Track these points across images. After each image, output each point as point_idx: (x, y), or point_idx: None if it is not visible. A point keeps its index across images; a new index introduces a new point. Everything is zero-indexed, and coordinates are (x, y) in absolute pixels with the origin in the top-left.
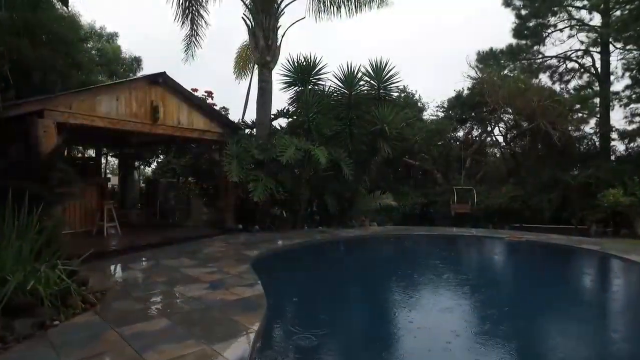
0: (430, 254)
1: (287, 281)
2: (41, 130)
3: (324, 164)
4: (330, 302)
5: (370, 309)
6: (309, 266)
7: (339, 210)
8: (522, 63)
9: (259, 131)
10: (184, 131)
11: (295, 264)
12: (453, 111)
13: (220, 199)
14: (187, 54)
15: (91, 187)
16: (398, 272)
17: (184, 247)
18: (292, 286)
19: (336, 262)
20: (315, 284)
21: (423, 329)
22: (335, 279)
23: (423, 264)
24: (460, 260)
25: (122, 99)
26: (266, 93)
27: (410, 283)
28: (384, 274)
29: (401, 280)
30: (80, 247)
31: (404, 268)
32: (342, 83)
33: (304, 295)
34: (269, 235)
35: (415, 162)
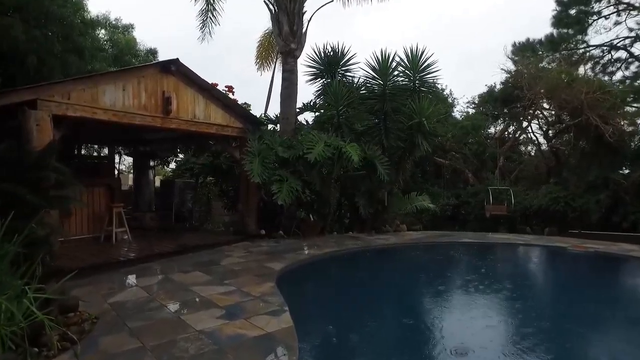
0: (489, 270)
1: (321, 307)
2: (33, 123)
3: (357, 162)
4: (380, 340)
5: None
6: (345, 284)
7: (371, 214)
8: (561, 54)
9: (283, 126)
10: (200, 126)
11: (328, 282)
12: (484, 107)
13: (241, 201)
14: (202, 31)
15: (100, 189)
16: (458, 297)
17: (200, 257)
18: (327, 315)
19: (377, 279)
20: (356, 311)
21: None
22: (380, 303)
23: (486, 285)
24: (526, 279)
25: (129, 88)
26: (291, 84)
27: (479, 314)
28: (441, 298)
29: (466, 308)
30: (83, 257)
31: (464, 290)
32: (376, 73)
33: (344, 330)
34: (295, 242)
35: (445, 161)
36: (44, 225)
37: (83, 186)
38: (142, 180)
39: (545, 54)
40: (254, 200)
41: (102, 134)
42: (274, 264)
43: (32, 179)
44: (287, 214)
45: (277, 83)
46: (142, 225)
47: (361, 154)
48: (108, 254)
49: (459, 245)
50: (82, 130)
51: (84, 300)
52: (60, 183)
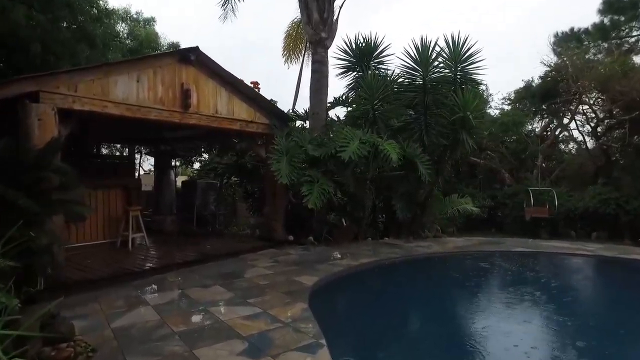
0: (564, 291)
1: (366, 338)
2: (34, 118)
3: (396, 161)
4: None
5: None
6: (391, 306)
7: (409, 218)
8: (611, 42)
9: (313, 123)
10: (222, 122)
11: (370, 302)
12: (521, 103)
13: (267, 204)
14: (224, 9)
15: (116, 190)
16: (538, 327)
17: (222, 268)
18: (375, 351)
19: (430, 299)
20: (412, 345)
21: None
22: (440, 334)
23: (569, 310)
24: (620, 306)
25: (144, 80)
26: (322, 77)
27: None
28: (521, 327)
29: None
30: (93, 267)
31: (543, 318)
32: (415, 63)
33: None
34: (326, 250)
35: (479, 160)
36: (45, 233)
37: (97, 187)
38: (163, 181)
39: (593, 44)
40: (281, 203)
41: (120, 132)
42: (304, 277)
43: (30, 181)
44: (318, 218)
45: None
46: (162, 229)
47: (400, 152)
48: (121, 264)
49: (514, 255)
50: (97, 128)
51: (85, 322)
52: (64, 185)
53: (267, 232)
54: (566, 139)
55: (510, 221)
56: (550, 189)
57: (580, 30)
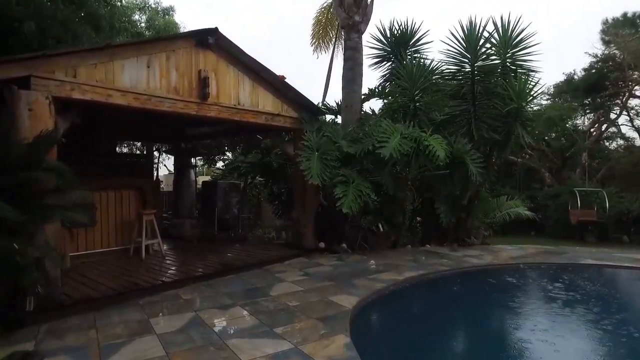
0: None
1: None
2: (23, 107)
3: (443, 159)
4: None
5: None
6: (456, 339)
7: (453, 222)
8: None
9: (346, 116)
10: (245, 115)
11: (428, 333)
12: (561, 98)
13: (295, 207)
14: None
15: (129, 192)
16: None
17: (244, 282)
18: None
19: (503, 330)
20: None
21: None
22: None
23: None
24: None
25: (155, 65)
26: (356, 65)
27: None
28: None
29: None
30: (99, 281)
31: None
32: (462, 48)
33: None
34: (362, 260)
35: (517, 159)
36: (34, 245)
37: (108, 188)
38: (182, 182)
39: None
40: (311, 206)
41: (136, 128)
42: (342, 297)
43: (14, 183)
44: (351, 223)
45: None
46: (180, 234)
47: (447, 149)
48: (130, 276)
49: (587, 269)
50: (111, 122)
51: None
52: (60, 187)
53: (295, 239)
54: (612, 135)
55: (552, 224)
56: (600, 190)
57: (636, 14)
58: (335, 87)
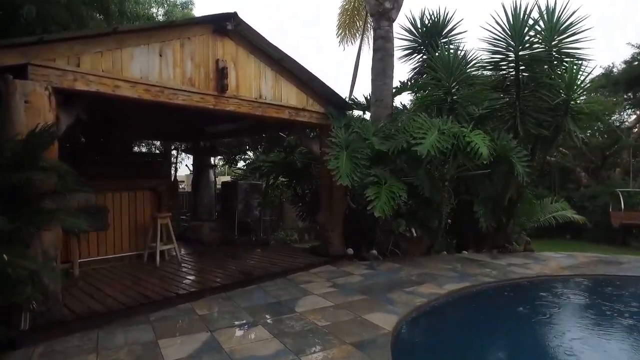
0: None
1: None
2: (19, 99)
3: (486, 157)
4: None
5: None
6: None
7: (493, 227)
8: None
9: (377, 111)
10: (267, 109)
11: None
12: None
13: (322, 210)
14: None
15: (143, 193)
16: None
17: (267, 294)
18: None
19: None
20: None
21: None
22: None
23: None
24: None
25: (168, 54)
26: (386, 55)
27: None
28: None
29: None
30: (107, 292)
31: None
32: (506, 35)
33: None
34: (396, 268)
35: (550, 158)
36: (29, 256)
37: (120, 189)
38: (200, 182)
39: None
40: (339, 209)
41: (151, 126)
42: (378, 315)
43: (8, 184)
44: (382, 227)
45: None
46: (199, 238)
47: (491, 146)
48: (142, 286)
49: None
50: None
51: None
52: (58, 190)
53: (321, 244)
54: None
55: (590, 227)
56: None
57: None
58: (362, 82)
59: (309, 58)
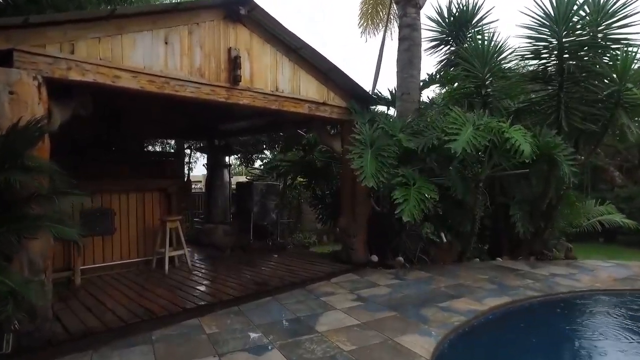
0: None
1: None
2: (2, 89)
3: (528, 155)
4: None
5: None
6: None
7: (531, 232)
8: None
9: (403, 105)
10: (284, 103)
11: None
12: None
13: (344, 213)
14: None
15: (152, 195)
16: None
17: (283, 309)
18: None
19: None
20: None
21: None
22: None
23: None
24: None
25: (174, 41)
26: (413, 46)
27: None
28: None
29: None
30: (107, 305)
31: None
32: (549, 19)
33: None
34: (426, 278)
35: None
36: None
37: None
38: (214, 183)
39: None
40: (362, 211)
41: (162, 123)
42: (413, 338)
43: None
44: (409, 232)
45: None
46: (212, 242)
47: (533, 142)
48: (147, 298)
49: None
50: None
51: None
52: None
53: (343, 250)
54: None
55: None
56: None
57: None
58: (385, 76)
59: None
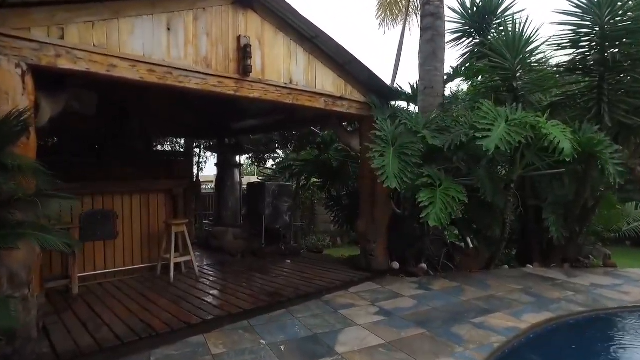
0: None
1: None
2: None
3: (569, 153)
4: None
5: None
6: None
7: (566, 237)
8: None
9: (426, 100)
10: (298, 96)
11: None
12: None
13: (362, 216)
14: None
15: (157, 196)
16: None
17: (298, 325)
18: None
19: None
20: None
21: None
22: None
23: None
24: None
25: (178, 28)
26: (437, 36)
27: None
28: None
29: None
30: (104, 318)
31: None
32: (592, 2)
33: None
34: (453, 288)
35: None
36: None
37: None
38: (224, 183)
39: None
40: (382, 215)
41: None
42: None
43: None
44: (433, 237)
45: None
46: (222, 246)
47: (573, 139)
48: (147, 311)
49: None
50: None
51: None
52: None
53: (361, 256)
54: None
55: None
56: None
57: None
58: (402, 71)
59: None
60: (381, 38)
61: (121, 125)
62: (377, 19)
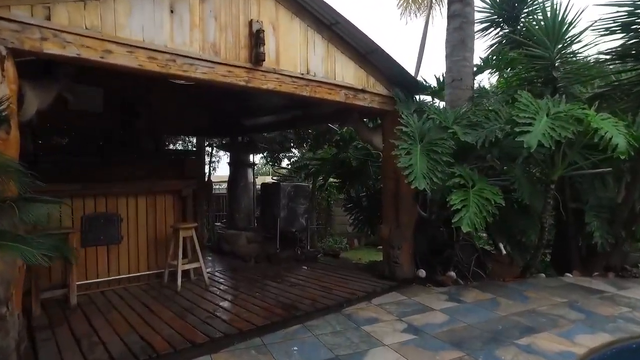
0: None
1: None
2: None
3: (624, 150)
4: None
5: None
6: None
7: (610, 244)
8: None
9: (453, 94)
10: (316, 88)
11: None
12: None
13: (386, 221)
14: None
15: (164, 198)
16: None
17: (316, 344)
18: None
19: None
20: None
21: None
22: None
23: None
24: None
25: (182, 11)
26: (466, 24)
27: None
28: None
29: None
30: (100, 334)
31: None
32: None
33: None
34: (487, 300)
35: None
36: None
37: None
38: (237, 184)
39: None
40: (407, 219)
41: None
42: None
43: None
44: (463, 243)
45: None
46: (234, 251)
47: (628, 134)
48: (149, 326)
49: None
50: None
51: None
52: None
53: (385, 264)
54: None
55: None
56: None
57: None
58: (432, 60)
59: None
60: (398, 32)
61: (129, 123)
62: (399, 8)
